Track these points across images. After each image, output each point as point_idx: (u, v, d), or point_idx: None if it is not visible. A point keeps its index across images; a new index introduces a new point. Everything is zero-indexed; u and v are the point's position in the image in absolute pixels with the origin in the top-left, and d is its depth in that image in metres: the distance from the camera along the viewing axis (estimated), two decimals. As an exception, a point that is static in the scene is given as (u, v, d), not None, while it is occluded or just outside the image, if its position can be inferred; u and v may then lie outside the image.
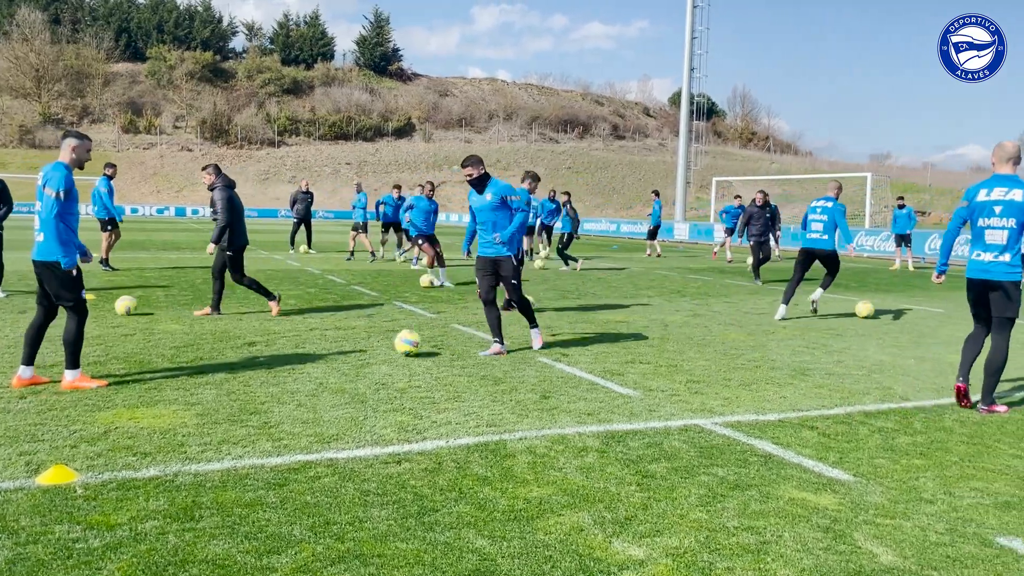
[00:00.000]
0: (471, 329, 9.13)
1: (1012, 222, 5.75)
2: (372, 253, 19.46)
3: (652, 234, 25.72)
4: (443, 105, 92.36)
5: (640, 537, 3.51)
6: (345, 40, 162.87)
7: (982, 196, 5.89)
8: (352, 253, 20.30)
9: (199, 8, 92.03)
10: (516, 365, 7.15)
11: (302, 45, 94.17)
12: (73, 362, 5.94)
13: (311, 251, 21.77)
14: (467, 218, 14.95)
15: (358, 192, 20.50)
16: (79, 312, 5.98)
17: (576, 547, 3.39)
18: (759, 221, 16.11)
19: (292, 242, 22.06)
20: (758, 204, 16.29)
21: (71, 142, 5.98)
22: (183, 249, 22.28)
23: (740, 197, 23.86)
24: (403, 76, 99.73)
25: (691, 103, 42.79)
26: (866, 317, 10.91)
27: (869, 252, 27.71)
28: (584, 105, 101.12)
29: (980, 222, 5.89)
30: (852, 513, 3.84)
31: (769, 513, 3.82)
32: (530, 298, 8.90)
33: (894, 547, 3.47)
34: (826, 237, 10.73)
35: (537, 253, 21.02)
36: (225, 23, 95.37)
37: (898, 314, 11.60)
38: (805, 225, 11.11)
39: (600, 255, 25.05)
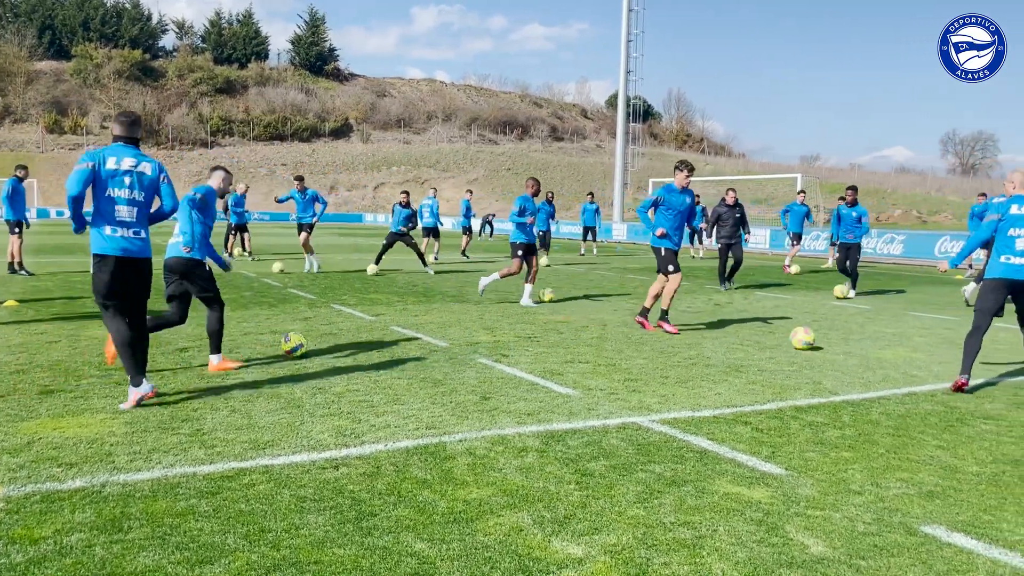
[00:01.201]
0: (410, 331, 9.07)
1: None
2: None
3: (585, 234, 26.00)
4: (381, 106, 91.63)
5: (579, 535, 3.53)
6: (280, 39, 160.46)
7: (1014, 210, 6.74)
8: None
9: (127, 5, 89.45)
10: (456, 366, 7.13)
11: (235, 44, 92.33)
12: (216, 348, 6.85)
13: (251, 255, 21.49)
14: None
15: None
16: (221, 303, 6.96)
17: (515, 547, 3.39)
18: (728, 221, 14.89)
19: (225, 246, 21.65)
20: (728, 203, 15.10)
21: (219, 174, 7.27)
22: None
23: (698, 196, 24.22)
24: (340, 76, 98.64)
25: (628, 105, 43.32)
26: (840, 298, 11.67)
27: (802, 251, 28.43)
28: (523, 107, 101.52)
29: (1010, 232, 6.70)
30: (784, 506, 3.94)
31: (704, 508, 3.89)
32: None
33: (824, 538, 3.56)
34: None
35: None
36: (155, 21, 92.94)
37: (827, 311, 11.94)
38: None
39: (539, 255, 25.17)
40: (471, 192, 25.84)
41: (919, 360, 7.99)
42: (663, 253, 9.57)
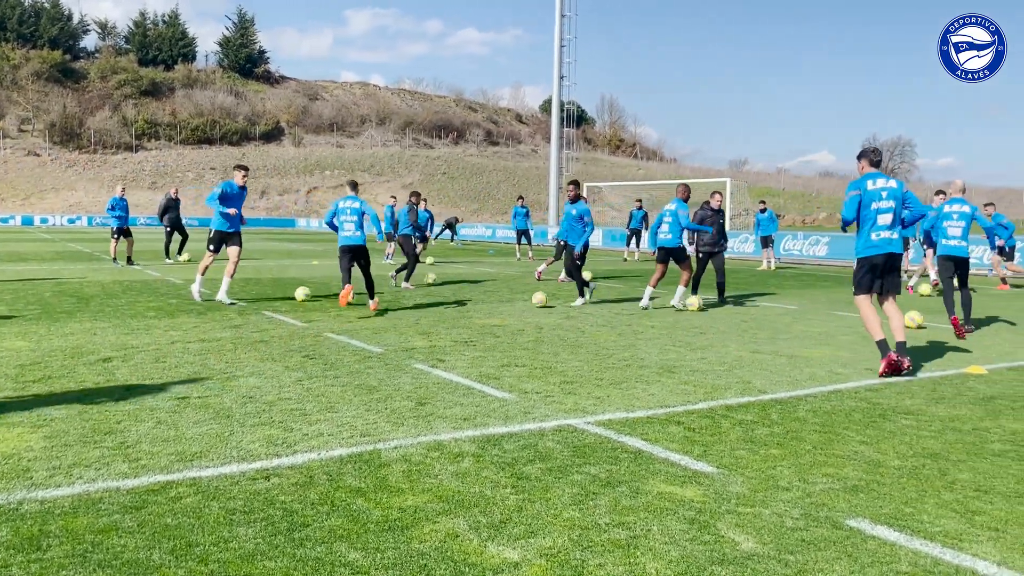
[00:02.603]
0: (344, 337, 8.95)
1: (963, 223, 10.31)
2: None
3: (519, 238, 26.11)
4: (313, 109, 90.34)
5: (514, 539, 3.52)
6: (208, 41, 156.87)
7: (946, 209, 10.39)
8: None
9: (46, 5, 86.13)
10: (391, 373, 7.06)
11: (161, 45, 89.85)
12: (373, 293, 11.01)
13: (188, 259, 20.94)
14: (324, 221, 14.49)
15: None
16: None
17: (451, 553, 3.37)
18: (712, 228, 13.34)
19: (167, 252, 21.13)
20: (713, 207, 13.49)
21: None
22: (29, 261, 20.78)
23: (640, 201, 24.67)
24: (270, 79, 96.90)
25: (562, 110, 43.67)
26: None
27: (729, 253, 29.07)
28: (458, 111, 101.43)
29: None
30: (716, 504, 4.00)
31: (639, 508, 3.93)
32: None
33: (754, 534, 3.63)
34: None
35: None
36: (75, 21, 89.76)
37: (756, 312, 12.23)
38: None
39: (477, 260, 25.18)
40: (395, 198, 25.78)
41: (844, 358, 8.24)
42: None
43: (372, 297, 11.29)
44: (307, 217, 65.97)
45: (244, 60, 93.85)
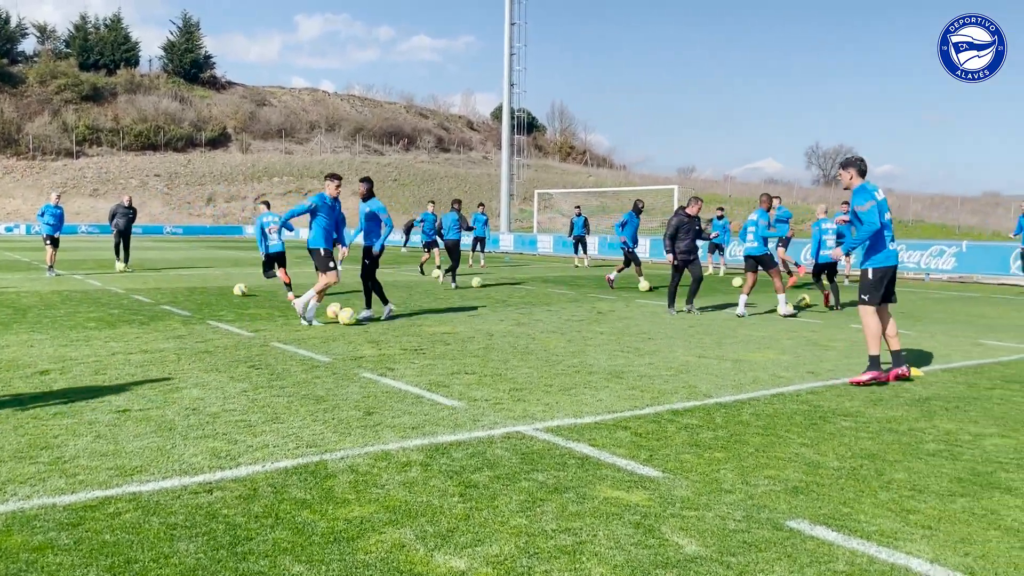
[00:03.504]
0: (292, 347, 8.84)
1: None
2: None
3: (475, 245, 26.12)
4: (261, 115, 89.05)
5: (461, 548, 3.52)
6: (152, 46, 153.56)
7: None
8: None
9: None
10: (339, 382, 7.00)
11: (103, 49, 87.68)
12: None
13: (128, 269, 20.45)
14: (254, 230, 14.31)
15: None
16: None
17: (397, 564, 3.35)
18: (688, 235, 12.93)
19: (118, 256, 20.74)
20: (690, 213, 12.97)
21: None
22: (-36, 270, 20.08)
23: (579, 208, 24.80)
24: (217, 84, 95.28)
25: (512, 118, 43.81)
26: None
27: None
28: (408, 118, 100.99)
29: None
30: (660, 507, 4.06)
31: (585, 514, 3.96)
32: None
33: (697, 537, 3.69)
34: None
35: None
36: (13, 24, 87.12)
37: (702, 317, 12.42)
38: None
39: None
40: (433, 203, 25.49)
41: (786, 362, 8.42)
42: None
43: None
44: (255, 224, 64.98)
45: (189, 65, 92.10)
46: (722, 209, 25.00)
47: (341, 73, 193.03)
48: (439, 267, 20.38)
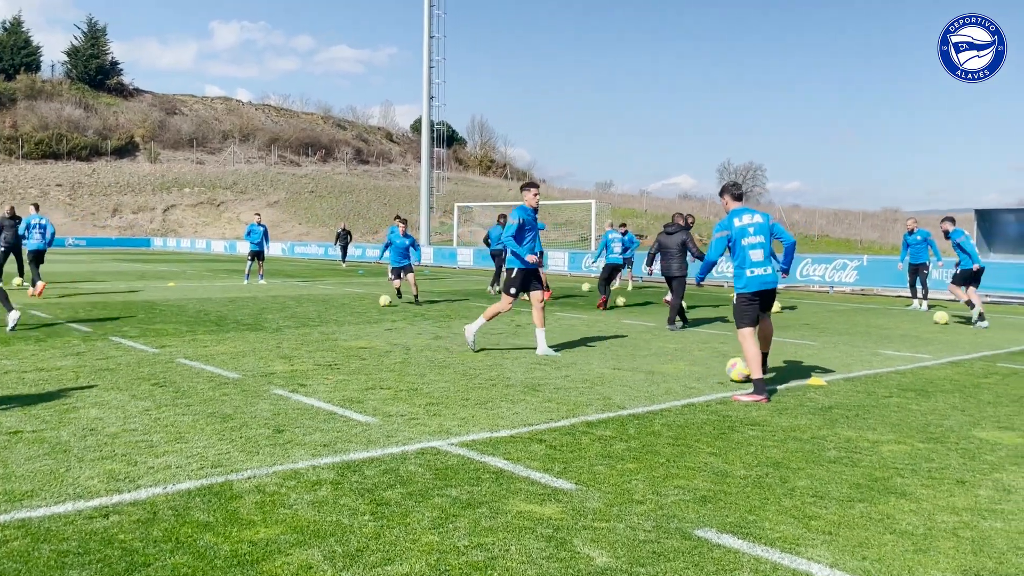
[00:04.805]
0: (198, 363, 8.56)
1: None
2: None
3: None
4: (171, 124, 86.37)
5: (370, 567, 3.45)
6: (55, 51, 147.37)
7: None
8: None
9: None
10: (248, 399, 6.80)
11: (1, 53, 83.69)
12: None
13: (25, 284, 19.36)
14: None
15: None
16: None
17: (304, 586, 3.26)
18: (676, 252, 12.94)
19: (20, 272, 19.62)
20: (680, 225, 13.08)
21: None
22: None
23: (502, 218, 24.72)
24: (124, 91, 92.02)
25: (432, 131, 43.74)
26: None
27: (595, 272, 29.89)
28: (326, 128, 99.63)
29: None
30: (573, 520, 4.07)
31: (498, 528, 3.94)
32: None
33: (608, 548, 3.72)
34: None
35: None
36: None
37: (618, 329, 12.60)
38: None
39: (346, 280, 24.73)
40: (259, 215, 25.22)
41: (698, 372, 8.61)
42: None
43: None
44: (164, 236, 62.93)
45: (95, 71, 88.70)
46: (624, 225, 25.46)
47: (258, 82, 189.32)
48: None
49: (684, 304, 13.61)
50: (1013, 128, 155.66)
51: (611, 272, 16.48)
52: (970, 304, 13.89)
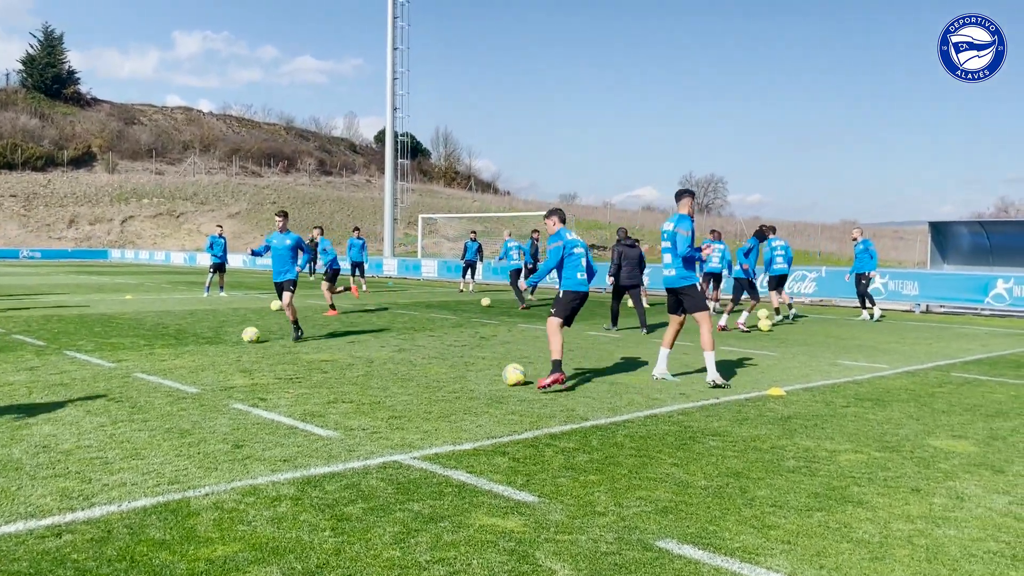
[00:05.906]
0: (156, 378, 8.41)
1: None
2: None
3: (353, 270, 25.71)
4: (130, 134, 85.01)
5: (331, 584, 3.42)
6: (10, 59, 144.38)
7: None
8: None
9: None
10: (207, 414, 6.70)
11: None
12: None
13: None
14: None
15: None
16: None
17: (262, 605, 3.21)
18: (633, 261, 13.52)
19: None
20: (630, 240, 13.42)
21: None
22: None
23: (474, 233, 24.74)
24: (81, 101, 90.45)
25: (395, 142, 43.63)
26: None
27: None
28: (288, 139, 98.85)
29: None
30: (535, 533, 4.07)
31: (460, 543, 3.92)
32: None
33: (570, 561, 3.72)
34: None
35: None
36: None
37: (581, 340, 12.65)
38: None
39: (310, 292, 24.49)
40: (221, 227, 24.97)
41: (660, 383, 8.66)
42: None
43: None
44: (122, 248, 61.82)
45: (51, 80, 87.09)
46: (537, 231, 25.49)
47: (221, 92, 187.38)
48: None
49: (622, 309, 15.26)
50: (967, 142, 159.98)
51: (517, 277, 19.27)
52: (789, 306, 16.95)
